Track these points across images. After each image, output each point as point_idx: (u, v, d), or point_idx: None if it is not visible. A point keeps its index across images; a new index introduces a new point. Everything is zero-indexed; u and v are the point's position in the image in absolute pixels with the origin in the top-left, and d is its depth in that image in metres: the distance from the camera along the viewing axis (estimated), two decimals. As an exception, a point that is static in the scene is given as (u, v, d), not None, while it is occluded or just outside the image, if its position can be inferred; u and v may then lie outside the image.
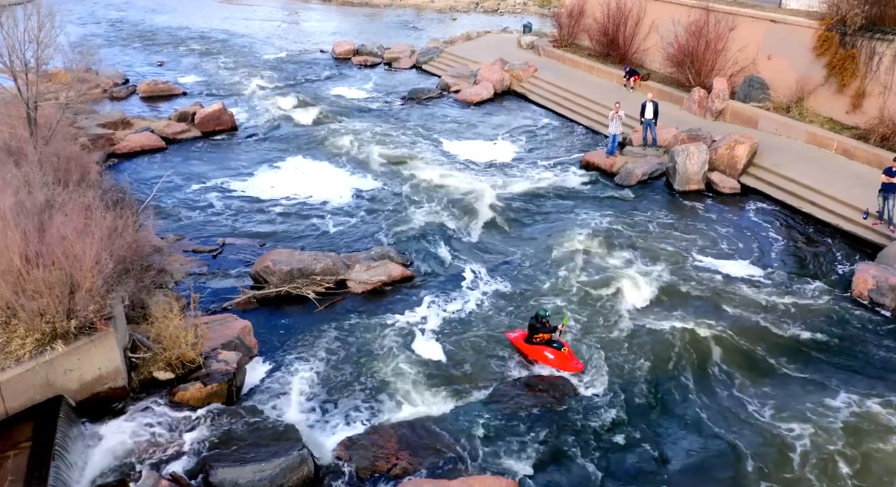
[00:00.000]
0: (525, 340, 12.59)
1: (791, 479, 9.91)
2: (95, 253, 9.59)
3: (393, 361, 12.52)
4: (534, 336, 12.42)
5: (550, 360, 12.24)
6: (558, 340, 12.41)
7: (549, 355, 12.27)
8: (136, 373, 10.70)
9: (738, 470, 10.11)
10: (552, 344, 12.33)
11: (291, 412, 11.27)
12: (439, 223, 18.33)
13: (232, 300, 14.35)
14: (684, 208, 18.99)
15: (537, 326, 12.35)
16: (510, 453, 10.28)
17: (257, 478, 8.94)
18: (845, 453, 10.36)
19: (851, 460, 10.24)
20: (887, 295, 13.95)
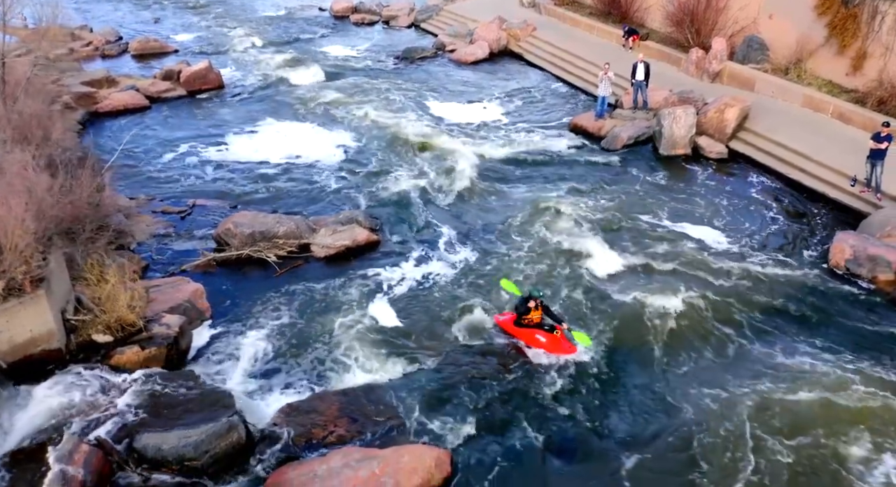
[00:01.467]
0: (514, 323, 11.80)
1: (744, 450, 9.58)
2: (21, 214, 9.35)
3: (347, 327, 12.27)
4: (523, 318, 11.65)
5: (542, 344, 11.47)
6: (550, 323, 11.65)
7: (540, 338, 11.49)
8: (75, 336, 10.57)
9: (687, 444, 9.78)
10: (543, 326, 11.60)
11: (236, 377, 11.13)
12: (415, 187, 17.93)
13: (191, 262, 14.16)
14: (668, 174, 18.39)
15: (529, 307, 11.52)
16: (451, 422, 10.05)
17: (181, 444, 8.81)
18: (803, 422, 9.99)
19: (809, 428, 9.91)
20: (864, 266, 13.42)
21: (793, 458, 9.41)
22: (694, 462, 9.44)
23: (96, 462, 8.43)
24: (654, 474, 9.30)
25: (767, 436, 9.77)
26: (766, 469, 9.26)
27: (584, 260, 14.46)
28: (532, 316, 11.53)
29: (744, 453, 9.52)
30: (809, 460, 9.39)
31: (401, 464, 8.89)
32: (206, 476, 8.87)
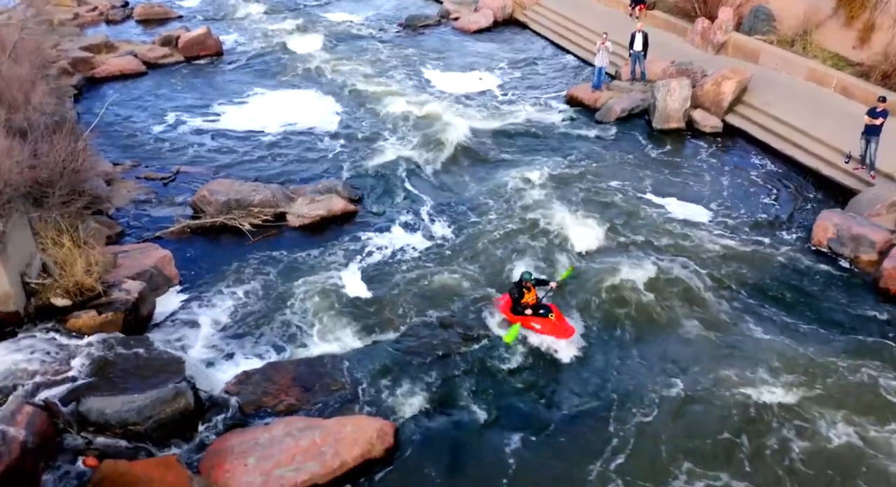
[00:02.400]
0: (511, 309, 11.38)
1: (694, 430, 9.46)
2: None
3: (314, 297, 12.23)
4: (519, 302, 11.25)
5: (538, 330, 11.09)
6: (546, 305, 11.26)
7: (535, 325, 11.12)
8: (35, 299, 10.65)
9: (637, 422, 9.66)
10: (539, 310, 11.19)
11: (196, 344, 11.20)
12: (401, 157, 17.71)
13: (166, 229, 14.18)
14: (659, 147, 17.93)
15: (523, 291, 11.18)
16: (402, 395, 10.01)
17: (125, 409, 8.87)
18: (768, 402, 9.84)
19: (776, 408, 9.78)
20: (847, 245, 13.02)
21: (749, 437, 9.27)
22: (642, 441, 9.32)
23: (39, 424, 8.51)
24: (602, 450, 9.18)
25: (726, 416, 9.65)
26: (718, 448, 9.13)
27: (561, 233, 14.21)
28: (527, 299, 11.17)
29: (691, 431, 9.39)
30: (763, 438, 9.23)
31: (342, 435, 8.90)
32: (150, 440, 8.94)
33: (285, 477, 8.36)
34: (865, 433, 9.30)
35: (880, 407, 9.72)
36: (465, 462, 9.01)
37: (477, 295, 12.35)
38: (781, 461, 8.97)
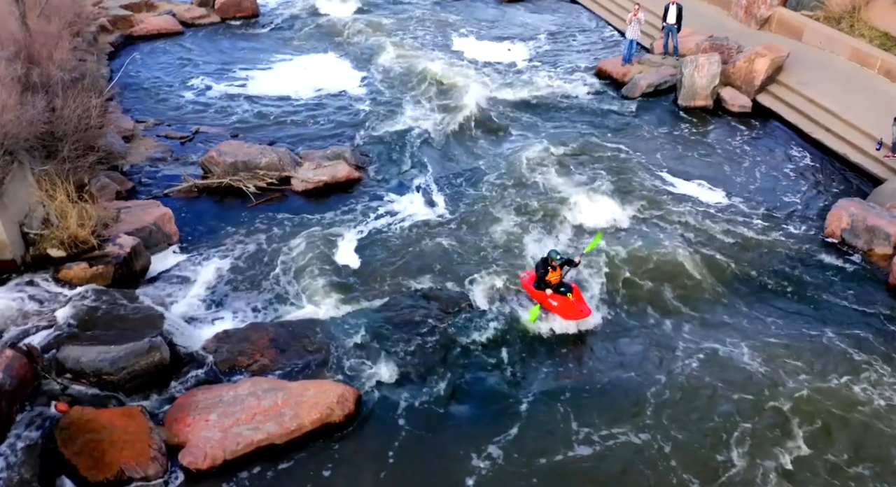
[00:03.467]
0: (534, 283, 11.23)
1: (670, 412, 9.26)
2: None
3: (306, 262, 12.32)
4: (542, 279, 11.06)
5: (554, 307, 10.90)
6: (567, 284, 11.06)
7: (552, 302, 10.91)
8: (34, 249, 11.07)
9: (615, 400, 9.54)
10: (560, 288, 11.00)
11: (184, 301, 11.46)
12: (418, 126, 17.59)
13: (174, 187, 14.49)
14: (681, 126, 17.31)
15: (548, 269, 10.95)
16: (373, 363, 10.03)
17: (99, 359, 9.18)
18: (763, 394, 9.58)
19: (768, 401, 9.51)
20: (861, 237, 12.38)
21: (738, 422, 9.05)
22: (617, 417, 9.23)
23: (18, 368, 8.86)
24: (569, 431, 9.08)
25: (704, 399, 9.42)
26: (697, 431, 8.93)
27: (569, 210, 13.92)
28: (550, 277, 10.97)
29: (671, 417, 9.18)
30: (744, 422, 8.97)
31: (304, 398, 9.03)
32: (123, 391, 9.25)
33: (242, 435, 8.55)
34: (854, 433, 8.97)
35: (872, 407, 9.32)
36: (424, 434, 9.01)
37: (468, 269, 12.22)
38: (775, 450, 8.77)
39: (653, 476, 8.40)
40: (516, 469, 8.52)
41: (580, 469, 8.53)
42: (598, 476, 8.45)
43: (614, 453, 8.73)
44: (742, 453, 8.66)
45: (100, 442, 8.21)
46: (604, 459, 8.64)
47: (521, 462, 8.59)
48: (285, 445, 8.64)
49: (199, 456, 8.32)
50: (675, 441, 8.86)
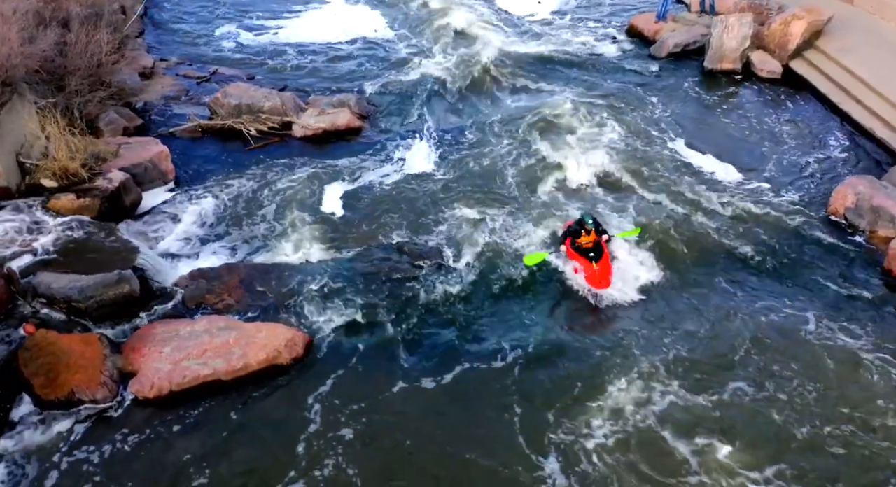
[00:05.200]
0: (570, 244, 11.12)
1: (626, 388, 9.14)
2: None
3: (292, 208, 12.50)
4: (576, 240, 11.03)
5: (576, 270, 10.88)
6: (600, 249, 10.81)
7: (578, 265, 10.88)
8: (30, 178, 11.56)
9: (569, 367, 9.42)
10: (589, 253, 10.85)
11: (168, 237, 11.83)
12: (432, 77, 17.44)
13: (180, 126, 14.80)
14: (704, 90, 16.53)
15: (580, 232, 10.94)
16: (332, 310, 10.17)
17: (69, 286, 9.62)
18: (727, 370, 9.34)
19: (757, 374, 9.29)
20: (865, 217, 11.69)
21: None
22: (565, 383, 9.14)
23: (-4, 289, 9.43)
24: (516, 384, 9.12)
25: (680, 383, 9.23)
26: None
27: (574, 172, 13.60)
28: (582, 241, 10.91)
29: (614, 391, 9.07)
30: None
31: (255, 339, 9.29)
32: (90, 318, 9.71)
33: (190, 369, 8.90)
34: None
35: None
36: (369, 382, 9.13)
37: (451, 226, 12.08)
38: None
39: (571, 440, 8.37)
40: (453, 421, 8.59)
41: (517, 424, 8.55)
42: (529, 430, 8.45)
43: (548, 412, 8.69)
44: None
45: (56, 365, 8.69)
46: (536, 416, 8.62)
47: (458, 417, 8.66)
48: (231, 382, 8.94)
49: (146, 385, 8.72)
50: (613, 410, 8.75)
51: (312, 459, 8.02)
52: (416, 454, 8.18)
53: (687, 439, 8.29)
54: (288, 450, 8.12)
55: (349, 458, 8.05)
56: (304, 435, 8.29)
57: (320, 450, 8.12)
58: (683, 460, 8.06)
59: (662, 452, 8.17)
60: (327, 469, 7.91)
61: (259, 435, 8.30)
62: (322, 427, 8.45)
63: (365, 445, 8.24)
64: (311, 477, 7.82)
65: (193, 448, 8.14)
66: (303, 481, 7.79)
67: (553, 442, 8.27)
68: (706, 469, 7.96)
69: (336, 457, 8.06)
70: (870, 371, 9.24)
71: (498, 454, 8.14)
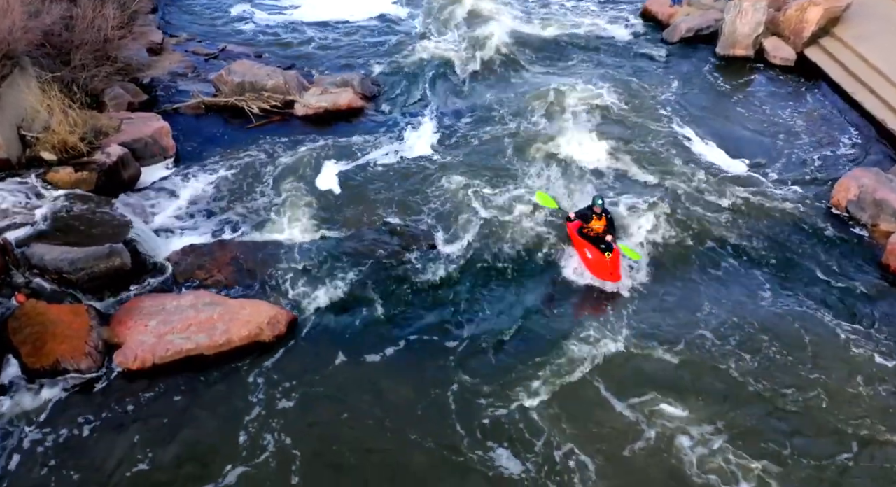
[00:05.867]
0: (577, 230, 10.93)
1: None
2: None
3: (288, 187, 12.56)
4: (584, 226, 10.82)
5: (587, 260, 10.52)
6: (609, 243, 10.53)
7: (588, 254, 10.53)
8: (31, 151, 11.74)
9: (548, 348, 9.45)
10: (601, 242, 10.60)
11: (165, 212, 11.96)
12: (439, 57, 17.33)
13: (184, 103, 14.89)
14: (714, 77, 16.21)
15: (590, 216, 10.76)
16: (318, 289, 10.27)
17: (61, 258, 9.79)
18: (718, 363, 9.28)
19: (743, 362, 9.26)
20: (867, 210, 11.45)
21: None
22: (551, 368, 9.15)
23: (-10, 260, 9.64)
24: (500, 369, 9.16)
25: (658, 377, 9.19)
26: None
27: (577, 157, 13.52)
28: (593, 225, 10.71)
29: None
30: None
31: (239, 316, 9.40)
32: (81, 290, 9.88)
33: (174, 343, 9.03)
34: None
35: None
36: (349, 362, 9.21)
37: (445, 210, 12.11)
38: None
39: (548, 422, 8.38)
40: (430, 402, 8.65)
41: (496, 404, 8.63)
42: (510, 411, 8.50)
43: (528, 396, 8.72)
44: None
45: (43, 334, 8.89)
46: (521, 401, 8.67)
47: (436, 399, 8.70)
48: (213, 357, 9.07)
49: (130, 357, 8.88)
50: (598, 397, 8.75)
51: (284, 434, 8.13)
52: (392, 432, 8.26)
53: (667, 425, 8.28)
54: (261, 426, 8.23)
55: (320, 435, 8.18)
56: (278, 412, 8.41)
57: (293, 427, 8.23)
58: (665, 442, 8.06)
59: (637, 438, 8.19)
60: (298, 444, 8.03)
61: (235, 410, 8.42)
62: (297, 404, 8.56)
63: (339, 423, 8.34)
64: (281, 451, 7.95)
65: (170, 420, 8.29)
66: (271, 454, 7.91)
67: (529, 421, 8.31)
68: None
69: (308, 434, 8.19)
70: (856, 363, 9.17)
71: (473, 433, 8.20)
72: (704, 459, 7.95)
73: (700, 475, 7.80)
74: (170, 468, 7.76)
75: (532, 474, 7.78)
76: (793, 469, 7.88)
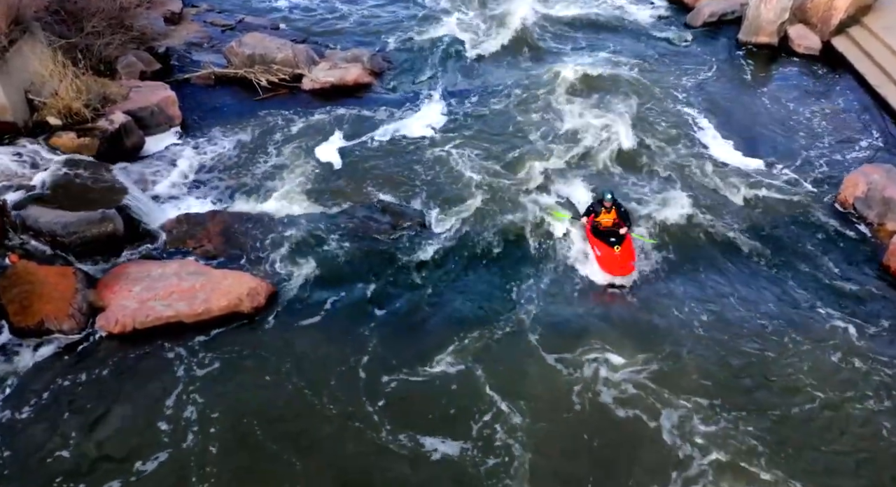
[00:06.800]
0: (591, 225, 10.74)
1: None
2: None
3: (289, 160, 12.67)
4: (596, 221, 10.60)
5: (598, 257, 10.34)
6: (620, 235, 10.33)
7: (597, 250, 10.37)
8: (37, 115, 12.00)
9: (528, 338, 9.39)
10: (611, 236, 10.37)
11: (165, 181, 12.12)
12: (452, 34, 17.25)
13: (195, 73, 15.03)
14: (735, 64, 15.71)
15: (600, 210, 10.52)
16: (304, 263, 10.34)
17: (54, 221, 10.04)
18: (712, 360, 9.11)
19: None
20: (874, 208, 11.03)
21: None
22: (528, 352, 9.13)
23: (-13, 221, 9.93)
24: (478, 351, 9.17)
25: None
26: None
27: (587, 144, 13.28)
28: (602, 219, 10.52)
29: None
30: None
31: (220, 286, 9.54)
32: (73, 253, 10.13)
33: (155, 309, 9.22)
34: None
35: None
36: (326, 336, 9.29)
37: (441, 190, 12.04)
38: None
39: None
40: (400, 380, 8.70)
41: (472, 384, 8.68)
42: (480, 389, 8.55)
43: (509, 376, 8.73)
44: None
45: (30, 294, 9.15)
46: (494, 380, 8.68)
47: (403, 380, 8.74)
48: (192, 325, 9.23)
49: (111, 321, 9.10)
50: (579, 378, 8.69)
51: (250, 405, 8.28)
52: (353, 406, 8.33)
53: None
54: (230, 396, 8.38)
55: (286, 405, 8.30)
56: (247, 383, 8.55)
57: (260, 397, 8.37)
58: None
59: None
60: (265, 413, 8.18)
61: (202, 377, 8.58)
62: (264, 374, 8.68)
63: (308, 396, 8.43)
64: (246, 422, 8.09)
65: (144, 384, 8.49)
66: (234, 422, 8.07)
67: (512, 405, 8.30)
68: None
69: (275, 404, 8.32)
70: (845, 369, 8.92)
71: (441, 414, 8.23)
72: (684, 444, 7.86)
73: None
74: (137, 430, 7.96)
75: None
76: (783, 467, 7.73)
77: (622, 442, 8.01)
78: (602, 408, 8.36)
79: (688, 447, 7.90)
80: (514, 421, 8.16)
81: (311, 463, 7.72)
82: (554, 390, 8.58)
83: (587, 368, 8.81)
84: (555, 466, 7.74)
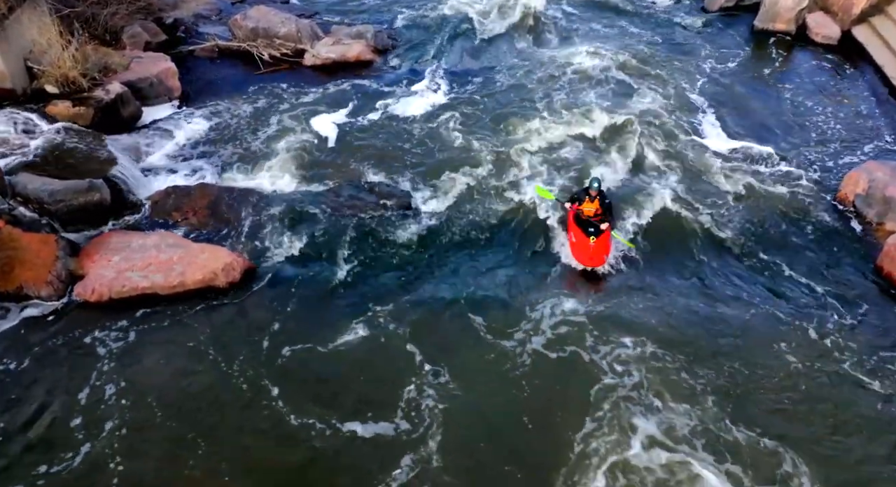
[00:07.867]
0: (575, 213, 10.51)
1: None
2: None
3: (281, 136, 12.66)
4: (580, 209, 10.39)
5: (571, 243, 10.17)
6: (598, 226, 10.12)
7: (572, 237, 10.19)
8: (37, 82, 12.14)
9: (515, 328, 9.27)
10: (589, 227, 10.13)
11: (158, 152, 12.24)
12: (463, 13, 16.91)
13: (198, 45, 15.05)
14: (749, 52, 15.22)
15: (583, 196, 10.29)
16: (284, 240, 10.35)
17: (42, 188, 10.17)
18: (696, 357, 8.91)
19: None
20: (874, 207, 10.64)
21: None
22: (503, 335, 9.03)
23: (-23, 185, 10.10)
24: (450, 331, 9.15)
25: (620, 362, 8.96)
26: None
27: (590, 133, 13.03)
28: (585, 208, 10.30)
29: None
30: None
31: (197, 259, 9.60)
32: (59, 221, 10.26)
33: (131, 280, 9.32)
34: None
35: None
36: (300, 312, 9.30)
37: (433, 171, 11.92)
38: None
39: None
40: (366, 363, 8.68)
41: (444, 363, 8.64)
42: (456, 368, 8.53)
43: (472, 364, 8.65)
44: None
45: (11, 259, 9.30)
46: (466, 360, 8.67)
47: (375, 363, 8.71)
48: (166, 297, 9.31)
49: (88, 290, 9.22)
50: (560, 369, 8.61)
51: (195, 383, 8.30)
52: (316, 388, 8.35)
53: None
54: (197, 369, 8.45)
55: (252, 379, 8.34)
56: (213, 356, 8.59)
57: (210, 375, 8.39)
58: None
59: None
60: (231, 387, 8.24)
61: (169, 350, 8.64)
62: (223, 353, 8.65)
63: (276, 373, 8.45)
64: (212, 395, 8.16)
65: (114, 352, 8.59)
66: (197, 397, 8.14)
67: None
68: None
69: (240, 378, 8.36)
70: (825, 372, 8.66)
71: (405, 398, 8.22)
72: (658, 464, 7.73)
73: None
74: (102, 398, 8.08)
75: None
76: (771, 464, 7.60)
77: (554, 413, 7.97)
78: (537, 379, 8.32)
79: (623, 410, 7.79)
80: (449, 394, 8.12)
81: (238, 443, 7.69)
82: (495, 364, 8.56)
83: (528, 345, 8.75)
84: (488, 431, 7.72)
